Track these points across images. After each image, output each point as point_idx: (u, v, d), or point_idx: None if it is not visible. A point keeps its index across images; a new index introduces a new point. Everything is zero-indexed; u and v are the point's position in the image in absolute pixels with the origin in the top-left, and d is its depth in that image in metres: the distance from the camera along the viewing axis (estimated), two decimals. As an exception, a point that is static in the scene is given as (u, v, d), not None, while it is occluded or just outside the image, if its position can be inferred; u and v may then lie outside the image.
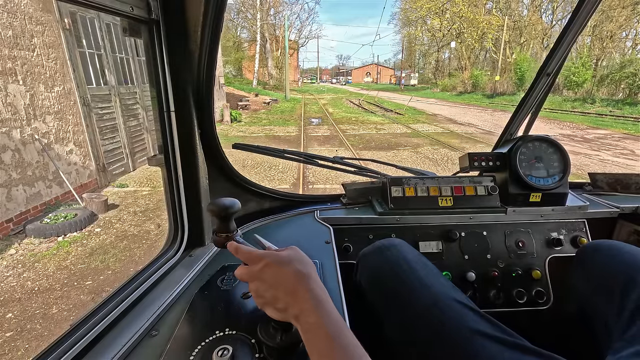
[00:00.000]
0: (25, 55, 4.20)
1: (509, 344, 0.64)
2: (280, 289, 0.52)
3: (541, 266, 1.13)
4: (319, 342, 0.47)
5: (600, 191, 1.34)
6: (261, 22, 31.47)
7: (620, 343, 0.64)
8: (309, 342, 0.48)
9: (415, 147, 8.86)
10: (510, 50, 34.89)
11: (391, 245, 0.90)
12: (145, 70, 5.50)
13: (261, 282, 0.54)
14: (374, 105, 21.64)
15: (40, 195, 4.43)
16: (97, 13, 5.41)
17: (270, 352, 0.56)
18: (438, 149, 8.73)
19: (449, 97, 31.18)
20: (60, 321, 2.57)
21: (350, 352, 0.45)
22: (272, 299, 0.53)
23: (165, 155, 0.86)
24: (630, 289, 0.68)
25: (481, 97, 28.51)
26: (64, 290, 2.95)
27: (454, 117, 15.93)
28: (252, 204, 1.25)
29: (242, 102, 17.26)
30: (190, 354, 0.57)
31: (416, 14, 45.81)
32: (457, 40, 40.81)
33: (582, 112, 17.32)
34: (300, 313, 0.50)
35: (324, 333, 0.47)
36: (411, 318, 0.73)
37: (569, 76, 21.58)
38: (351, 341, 0.47)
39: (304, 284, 0.52)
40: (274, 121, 14.06)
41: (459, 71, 40.02)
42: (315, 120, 14.82)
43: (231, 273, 0.84)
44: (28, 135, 4.25)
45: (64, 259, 3.46)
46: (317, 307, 0.49)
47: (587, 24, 1.10)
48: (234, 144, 1.18)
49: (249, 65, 32.27)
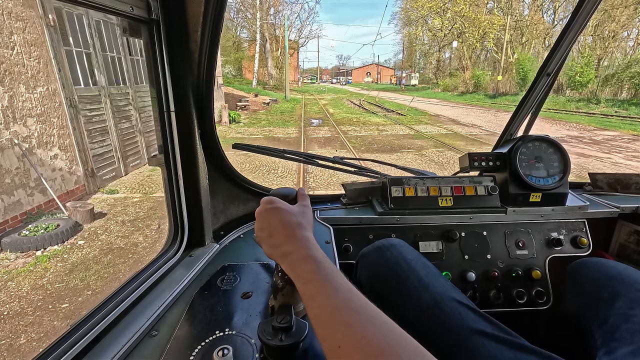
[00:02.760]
0: (2, 54, 3.91)
1: (509, 344, 0.64)
2: (280, 230, 0.58)
3: (541, 266, 1.13)
4: (303, 269, 0.51)
5: (600, 191, 1.34)
6: (261, 21, 30.92)
7: (609, 346, 0.68)
8: (294, 273, 0.52)
9: (420, 150, 8.67)
10: (512, 50, 34.57)
11: (391, 245, 0.90)
12: (143, 70, 5.48)
13: (264, 219, 0.60)
14: (375, 106, 21.40)
15: (21, 204, 4.14)
16: (86, 10, 5.14)
17: (270, 352, 0.56)
18: (443, 151, 8.51)
19: (451, 98, 30.89)
20: (26, 353, 2.28)
21: (333, 276, 0.48)
22: (269, 236, 0.58)
23: (165, 155, 0.86)
24: (615, 299, 0.75)
25: (483, 98, 28.28)
26: (36, 315, 2.67)
27: (456, 118, 15.76)
28: (252, 204, 1.25)
29: (241, 102, 16.88)
30: (190, 354, 0.57)
31: (417, 14, 45.42)
32: (459, 39, 40.39)
33: (587, 112, 16.96)
34: (293, 251, 0.54)
35: (309, 265, 0.50)
36: (411, 318, 0.73)
37: (573, 76, 21.20)
38: (325, 268, 0.50)
39: (301, 233, 0.57)
40: (274, 122, 13.76)
41: (460, 71, 39.68)
42: (316, 121, 14.59)
43: (231, 273, 0.84)
44: (6, 140, 3.95)
45: (40, 276, 3.18)
46: (309, 250, 0.53)
47: (587, 24, 1.10)
48: (234, 144, 1.18)
49: (249, 65, 31.55)
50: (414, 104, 21.78)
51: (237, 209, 1.21)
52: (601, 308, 0.77)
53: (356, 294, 0.45)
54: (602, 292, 0.79)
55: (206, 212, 0.98)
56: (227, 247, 1.03)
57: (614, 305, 0.74)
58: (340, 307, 0.43)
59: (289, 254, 0.54)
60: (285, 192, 0.67)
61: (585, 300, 0.83)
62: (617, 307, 0.73)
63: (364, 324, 0.40)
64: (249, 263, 0.90)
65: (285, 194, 0.67)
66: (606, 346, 0.68)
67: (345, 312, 0.42)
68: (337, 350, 0.39)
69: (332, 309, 0.43)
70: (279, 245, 0.56)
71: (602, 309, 0.76)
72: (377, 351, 0.36)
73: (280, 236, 0.57)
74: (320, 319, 0.44)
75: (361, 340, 0.38)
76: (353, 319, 0.41)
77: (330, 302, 0.44)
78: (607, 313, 0.74)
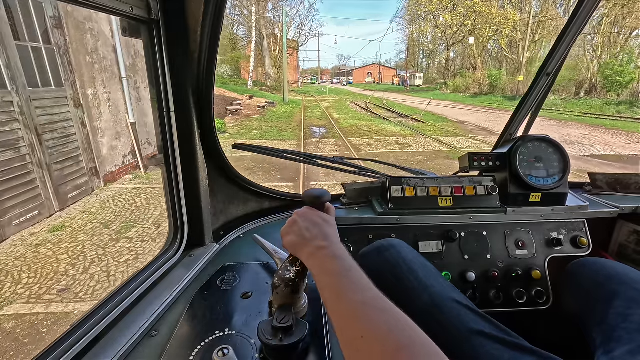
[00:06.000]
0: None
1: (509, 344, 0.64)
2: (319, 226, 0.61)
3: (541, 266, 1.13)
4: (336, 264, 0.53)
5: (600, 191, 1.34)
6: (257, 16, 28.74)
7: (607, 346, 0.68)
8: (324, 266, 0.54)
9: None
10: (523, 49, 33.07)
11: (390, 245, 0.90)
12: (50, 64, 4.35)
13: (303, 215, 0.65)
14: (385, 109, 18.90)
15: None
16: None
17: (270, 352, 0.56)
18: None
19: (463, 99, 27.99)
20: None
21: (364, 279, 0.50)
22: (305, 229, 0.61)
23: (165, 155, 0.86)
24: (613, 299, 0.75)
25: (502, 100, 24.79)
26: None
27: (486, 126, 13.33)
28: (252, 204, 1.25)
29: (232, 106, 14.65)
30: (190, 354, 0.57)
31: (425, 9, 43.16)
32: (471, 36, 37.99)
33: (633, 117, 14.60)
34: (328, 246, 0.57)
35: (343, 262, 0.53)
36: (410, 318, 0.73)
37: (611, 76, 18.62)
38: (356, 268, 0.52)
39: (336, 237, 0.61)
40: (267, 131, 11.26)
41: (467, 70, 37.93)
42: (318, 130, 12.09)
43: (231, 273, 0.84)
44: None
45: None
46: (343, 252, 0.56)
47: (587, 24, 1.10)
48: (234, 144, 1.18)
49: (246, 65, 29.34)
50: (424, 106, 19.08)
51: (237, 209, 1.21)
52: (600, 308, 0.77)
53: (383, 297, 0.47)
54: (601, 292, 0.80)
55: (206, 212, 0.98)
56: (227, 247, 1.03)
57: (612, 305, 0.74)
58: (368, 304, 0.45)
59: (323, 249, 0.56)
60: (318, 193, 0.69)
61: (584, 300, 0.84)
62: (615, 307, 0.74)
63: (388, 322, 0.42)
64: (249, 263, 0.90)
65: (318, 195, 0.69)
66: (605, 345, 0.68)
67: (372, 309, 0.44)
68: (359, 339, 0.41)
69: (361, 304, 0.45)
70: (314, 239, 0.59)
71: (601, 308, 0.76)
72: (397, 345, 0.39)
73: (317, 231, 0.60)
74: (346, 311, 0.46)
75: (387, 333, 0.40)
76: (380, 316, 0.43)
77: (358, 298, 0.46)
78: (606, 313, 0.74)
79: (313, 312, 0.69)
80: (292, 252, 0.64)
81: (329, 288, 0.50)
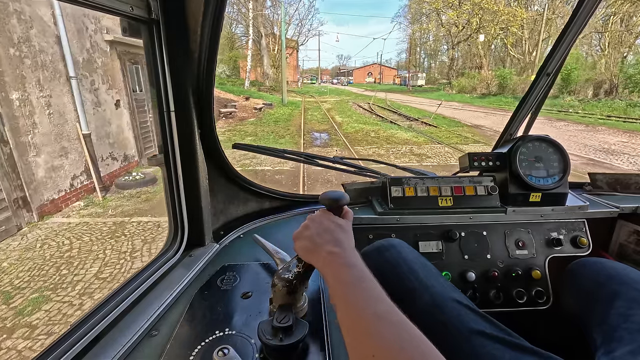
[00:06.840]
0: None
1: (509, 344, 0.64)
2: (333, 232, 0.60)
3: (541, 266, 1.13)
4: (348, 273, 0.51)
5: (600, 191, 1.34)
6: (254, 12, 26.94)
7: (608, 346, 0.68)
8: (336, 274, 0.52)
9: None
10: (530, 47, 31.96)
11: (390, 245, 0.90)
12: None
13: (317, 219, 0.63)
14: (390, 112, 17.46)
15: None
16: None
17: (270, 352, 0.56)
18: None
19: (471, 100, 26.61)
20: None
21: (377, 288, 0.49)
22: (317, 234, 0.60)
23: (165, 155, 0.86)
24: (614, 299, 0.75)
25: (512, 101, 23.09)
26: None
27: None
28: (252, 204, 1.25)
29: (226, 108, 13.30)
30: (190, 354, 0.57)
31: (430, 7, 42.05)
32: (481, 34, 36.52)
33: None
34: (340, 253, 0.55)
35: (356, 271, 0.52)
36: (410, 318, 0.73)
37: (635, 75, 16.71)
38: (369, 277, 0.50)
39: (350, 243, 0.59)
40: (263, 137, 10.05)
41: (470, 70, 36.86)
42: (320, 136, 10.83)
43: (231, 273, 0.84)
44: None
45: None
46: (357, 259, 0.54)
47: (587, 24, 1.10)
48: (234, 144, 1.18)
49: (245, 65, 27.57)
50: (431, 108, 17.82)
51: (237, 209, 1.21)
52: (600, 308, 0.77)
53: (396, 308, 0.46)
54: (602, 292, 0.80)
55: (206, 212, 0.98)
56: (227, 247, 1.03)
57: (613, 305, 0.74)
58: (381, 317, 0.44)
59: (335, 255, 0.55)
60: (335, 196, 0.67)
61: (585, 300, 0.84)
62: (616, 307, 0.74)
63: (402, 338, 0.41)
64: (249, 263, 0.90)
65: (335, 198, 0.67)
66: (605, 346, 0.68)
67: (384, 323, 0.43)
68: (371, 359, 0.40)
69: (372, 318, 0.44)
70: (326, 244, 0.57)
71: (602, 308, 0.76)
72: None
73: (329, 237, 0.59)
74: (357, 326, 0.44)
75: (399, 351, 0.39)
76: (392, 331, 0.42)
77: (370, 311, 0.45)
78: (607, 313, 0.74)
79: (313, 312, 0.69)
80: (302, 258, 0.62)
81: (340, 298, 0.49)
